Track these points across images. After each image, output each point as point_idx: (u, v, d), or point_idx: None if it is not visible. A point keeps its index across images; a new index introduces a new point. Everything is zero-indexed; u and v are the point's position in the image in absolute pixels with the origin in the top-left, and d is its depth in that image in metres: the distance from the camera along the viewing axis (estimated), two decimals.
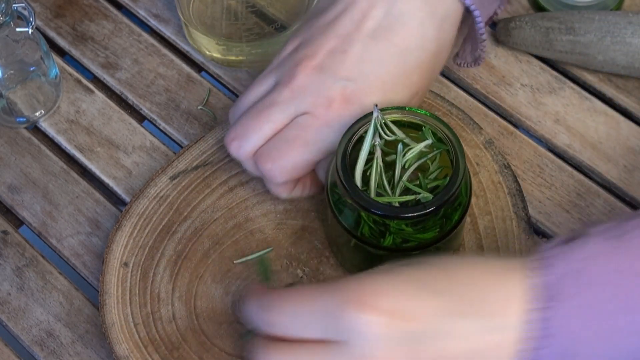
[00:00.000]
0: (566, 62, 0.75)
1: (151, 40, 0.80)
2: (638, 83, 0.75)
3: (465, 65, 0.70)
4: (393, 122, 0.61)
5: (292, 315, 0.52)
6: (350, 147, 0.60)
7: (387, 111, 0.61)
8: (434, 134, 0.61)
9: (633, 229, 0.51)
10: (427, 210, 0.58)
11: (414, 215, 0.58)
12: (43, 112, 0.76)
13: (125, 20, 0.81)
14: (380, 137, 0.61)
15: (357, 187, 0.59)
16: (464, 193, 0.61)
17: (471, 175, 0.64)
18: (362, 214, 0.60)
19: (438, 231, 0.60)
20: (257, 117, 0.63)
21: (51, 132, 0.76)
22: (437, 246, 0.61)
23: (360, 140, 0.60)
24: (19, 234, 0.72)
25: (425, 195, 0.59)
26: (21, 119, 0.76)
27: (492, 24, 0.77)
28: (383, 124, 0.60)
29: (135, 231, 0.69)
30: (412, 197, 0.60)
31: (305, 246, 0.68)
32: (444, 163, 0.61)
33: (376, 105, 0.60)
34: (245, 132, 0.63)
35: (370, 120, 0.60)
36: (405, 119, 0.61)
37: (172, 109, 0.76)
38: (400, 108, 0.61)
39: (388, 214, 0.58)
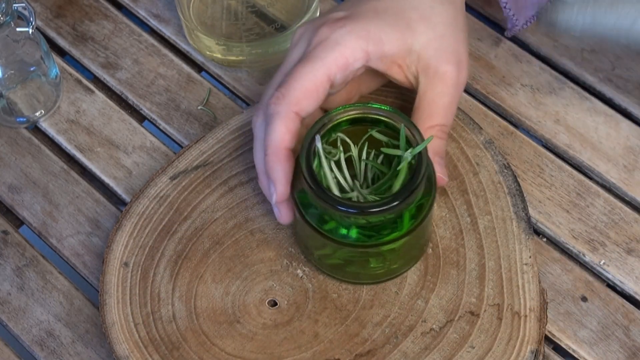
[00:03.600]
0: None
1: (151, 40, 0.80)
2: (638, 83, 0.75)
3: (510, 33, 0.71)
4: (354, 119, 0.63)
5: None
6: (312, 148, 0.61)
7: (349, 108, 0.63)
8: (392, 128, 0.62)
9: None
10: (390, 206, 0.59)
11: (377, 211, 0.59)
12: (43, 112, 0.76)
13: (126, 20, 0.81)
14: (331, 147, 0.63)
15: (323, 187, 0.60)
16: (430, 183, 0.62)
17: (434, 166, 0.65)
18: (326, 211, 0.61)
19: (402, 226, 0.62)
20: None
21: (51, 132, 0.76)
22: (406, 240, 0.62)
23: (325, 136, 0.62)
24: (19, 234, 0.72)
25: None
26: (21, 119, 0.76)
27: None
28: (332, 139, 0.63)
29: (136, 231, 0.69)
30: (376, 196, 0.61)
31: None
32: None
33: (318, 134, 0.62)
34: None
35: (330, 120, 0.62)
36: (368, 116, 0.63)
37: (172, 109, 0.76)
38: (363, 104, 0.63)
39: (354, 210, 0.59)
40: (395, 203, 0.59)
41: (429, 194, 0.62)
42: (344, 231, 0.61)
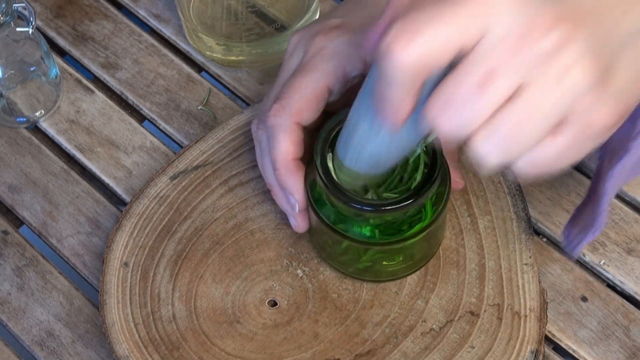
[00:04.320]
0: None
1: (151, 40, 0.80)
2: None
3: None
4: None
5: None
6: (328, 144, 0.61)
7: None
8: None
9: None
10: (407, 202, 0.59)
11: (394, 208, 0.59)
12: (43, 112, 0.76)
13: (126, 20, 0.81)
14: None
15: (338, 184, 0.60)
16: (446, 178, 0.62)
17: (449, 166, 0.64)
18: (341, 207, 0.61)
19: (421, 222, 0.62)
20: None
21: (51, 132, 0.76)
22: (421, 237, 0.62)
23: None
24: (19, 234, 0.72)
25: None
26: (21, 119, 0.76)
27: None
28: None
29: (136, 231, 0.69)
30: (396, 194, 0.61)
31: (305, 246, 0.68)
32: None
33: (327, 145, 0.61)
34: None
35: (339, 124, 0.61)
36: None
37: (172, 109, 0.76)
38: None
39: (369, 208, 0.59)
40: (421, 194, 0.59)
41: (445, 179, 0.62)
42: (368, 232, 0.61)
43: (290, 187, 0.63)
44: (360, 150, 0.58)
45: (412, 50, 0.47)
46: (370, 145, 0.56)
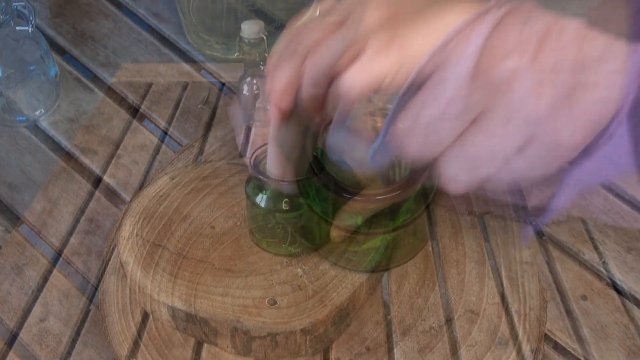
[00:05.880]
0: None
1: (151, 39, 0.80)
2: None
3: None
4: None
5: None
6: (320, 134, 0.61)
7: None
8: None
9: None
10: (396, 193, 0.59)
11: (384, 198, 0.59)
12: (43, 111, 0.76)
13: (125, 19, 0.81)
14: None
15: (330, 174, 0.60)
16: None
17: None
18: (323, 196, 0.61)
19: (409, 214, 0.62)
20: None
21: (51, 131, 0.76)
22: (406, 230, 0.62)
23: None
24: (19, 233, 0.72)
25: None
26: (21, 118, 0.76)
27: None
28: None
29: (135, 231, 0.69)
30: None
31: (305, 245, 0.68)
32: None
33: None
34: None
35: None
36: None
37: (172, 108, 0.76)
38: None
39: (360, 199, 0.59)
40: (411, 185, 0.59)
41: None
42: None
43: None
44: (342, 159, 0.58)
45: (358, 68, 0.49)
46: (347, 160, 0.57)
